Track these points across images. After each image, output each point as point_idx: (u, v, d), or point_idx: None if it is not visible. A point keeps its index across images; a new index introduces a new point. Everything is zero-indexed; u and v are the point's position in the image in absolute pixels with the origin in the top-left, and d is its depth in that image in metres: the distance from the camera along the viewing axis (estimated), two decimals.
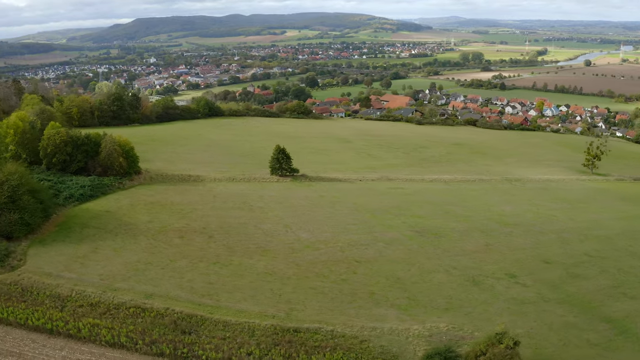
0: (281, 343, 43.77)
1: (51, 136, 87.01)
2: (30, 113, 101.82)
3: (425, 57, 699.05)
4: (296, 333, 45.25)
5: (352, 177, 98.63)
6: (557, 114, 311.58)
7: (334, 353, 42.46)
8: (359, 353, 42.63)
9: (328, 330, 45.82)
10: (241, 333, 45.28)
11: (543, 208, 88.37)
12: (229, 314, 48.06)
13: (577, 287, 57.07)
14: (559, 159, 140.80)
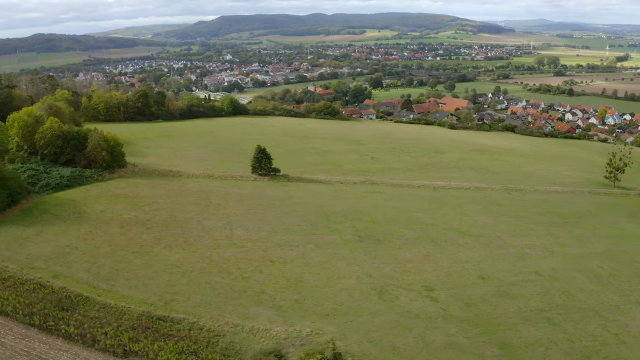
0: (139, 328, 45.70)
1: (44, 130, 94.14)
2: (39, 108, 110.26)
3: (501, 60, 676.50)
4: (160, 321, 46.71)
5: (334, 179, 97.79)
6: (619, 122, 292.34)
7: (179, 342, 43.70)
8: (203, 345, 43.45)
9: (192, 321, 46.82)
10: (111, 315, 47.40)
11: (525, 220, 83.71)
12: (113, 298, 50.23)
13: (494, 306, 53.71)
14: (585, 170, 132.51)
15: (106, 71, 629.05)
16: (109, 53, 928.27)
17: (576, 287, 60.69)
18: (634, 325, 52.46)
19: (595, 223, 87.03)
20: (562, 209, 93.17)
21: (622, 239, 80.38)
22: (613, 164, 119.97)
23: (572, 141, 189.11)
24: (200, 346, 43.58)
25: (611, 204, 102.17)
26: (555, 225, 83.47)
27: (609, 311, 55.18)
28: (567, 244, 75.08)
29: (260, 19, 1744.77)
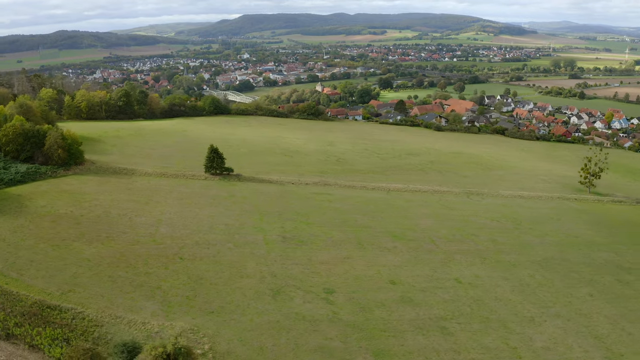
0: (27, 314, 46.88)
1: (7, 128, 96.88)
2: (11, 107, 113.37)
3: (518, 62, 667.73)
4: (49, 309, 47.60)
5: (287, 180, 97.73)
6: (626, 126, 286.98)
7: (56, 329, 45.19)
8: (78, 333, 44.74)
9: (78, 311, 47.61)
10: (9, 302, 48.28)
11: (472, 225, 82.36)
12: (17, 287, 51.04)
13: (390, 312, 52.55)
14: (565, 175, 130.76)
15: (123, 68, 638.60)
16: (130, 51, 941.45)
17: (493, 296, 59.36)
18: (539, 340, 50.93)
19: (549, 229, 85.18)
20: (518, 214, 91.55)
21: (571, 246, 78.50)
22: (588, 169, 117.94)
23: (564, 145, 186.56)
24: (75, 334, 44.53)
25: (577, 210, 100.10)
26: (503, 231, 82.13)
27: (518, 323, 53.72)
28: (506, 251, 73.88)
29: (282, 18, 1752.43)
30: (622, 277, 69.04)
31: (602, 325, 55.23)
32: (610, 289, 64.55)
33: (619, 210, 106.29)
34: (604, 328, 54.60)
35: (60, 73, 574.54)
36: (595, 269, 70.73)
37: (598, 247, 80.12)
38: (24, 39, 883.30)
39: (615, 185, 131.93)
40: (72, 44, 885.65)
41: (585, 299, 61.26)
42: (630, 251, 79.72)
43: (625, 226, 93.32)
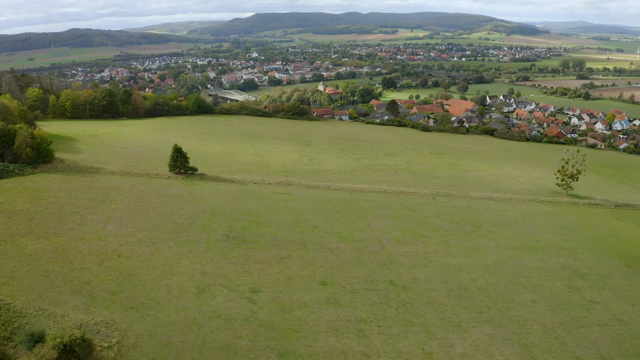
0: None
1: None
2: None
3: (527, 62, 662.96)
4: None
5: (250, 179, 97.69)
6: (627, 127, 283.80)
7: None
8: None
9: (6, 302, 48.43)
10: None
11: (427, 227, 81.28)
12: None
13: (310, 313, 51.85)
14: (545, 177, 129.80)
15: (132, 67, 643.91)
16: (141, 49, 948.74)
17: (426, 299, 58.76)
18: (460, 346, 50.10)
19: (509, 233, 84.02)
20: (481, 217, 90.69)
21: (528, 250, 77.37)
22: (565, 171, 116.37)
23: (554, 146, 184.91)
24: None
25: (547, 213, 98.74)
26: (459, 234, 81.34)
27: (443, 328, 53.03)
28: (455, 254, 73.15)
29: (294, 17, 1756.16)
30: (574, 283, 67.74)
31: (535, 333, 54.10)
32: (556, 295, 63.26)
33: (593, 213, 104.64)
34: (535, 336, 53.40)
35: (70, 71, 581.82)
36: (547, 274, 69.45)
37: (557, 251, 78.76)
38: (36, 36, 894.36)
39: (598, 188, 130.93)
40: (84, 42, 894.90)
41: (525, 304, 60.07)
42: (592, 256, 78.23)
43: (594, 230, 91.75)
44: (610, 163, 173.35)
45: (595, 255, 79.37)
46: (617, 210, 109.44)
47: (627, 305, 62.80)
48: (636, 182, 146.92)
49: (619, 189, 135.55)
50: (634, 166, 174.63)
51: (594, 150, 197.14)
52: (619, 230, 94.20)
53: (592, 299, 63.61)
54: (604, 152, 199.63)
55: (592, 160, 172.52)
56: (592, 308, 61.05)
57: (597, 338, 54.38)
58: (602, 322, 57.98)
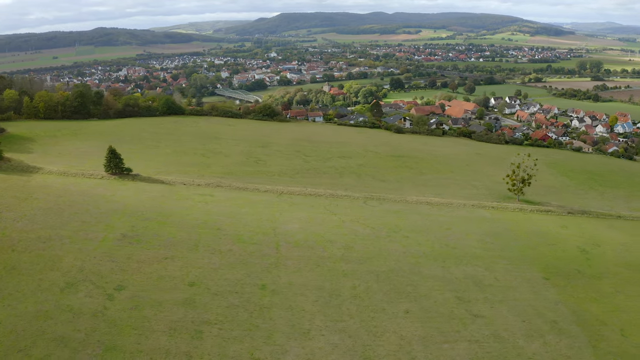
0: None
1: None
2: None
3: (545, 63, 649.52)
4: None
5: (180, 181, 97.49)
6: (629, 130, 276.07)
7: None
8: None
9: None
10: None
11: (338, 231, 79.43)
12: None
13: (159, 311, 52.19)
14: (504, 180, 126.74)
15: (150, 66, 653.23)
16: (164, 48, 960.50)
17: (288, 305, 57.63)
18: (294, 354, 49.07)
19: (427, 239, 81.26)
20: (404, 222, 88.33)
21: (436, 258, 74.08)
22: (515, 175, 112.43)
23: (533, 149, 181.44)
24: None
25: (484, 219, 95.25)
26: (368, 239, 78.75)
27: (287, 334, 52.02)
28: (351, 259, 70.72)
29: (319, 16, 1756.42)
30: (468, 294, 64.68)
31: (389, 345, 52.40)
32: (437, 307, 60.61)
33: (537, 220, 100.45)
34: (385, 349, 51.69)
35: (89, 70, 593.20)
36: (442, 284, 66.68)
37: (470, 260, 75.69)
38: (61, 35, 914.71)
39: (561, 193, 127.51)
40: (108, 41, 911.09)
41: (396, 315, 58.10)
42: (509, 267, 74.69)
43: (527, 239, 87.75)
44: (588, 167, 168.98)
45: (513, 265, 75.98)
46: (568, 218, 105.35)
47: (518, 321, 59.50)
48: (607, 187, 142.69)
49: (584, 195, 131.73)
50: (613, 171, 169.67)
51: (577, 153, 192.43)
52: (556, 239, 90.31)
53: (479, 312, 60.63)
54: (588, 156, 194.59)
55: (570, 164, 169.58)
56: (471, 322, 58.33)
57: (457, 355, 52.00)
58: (475, 338, 55.33)
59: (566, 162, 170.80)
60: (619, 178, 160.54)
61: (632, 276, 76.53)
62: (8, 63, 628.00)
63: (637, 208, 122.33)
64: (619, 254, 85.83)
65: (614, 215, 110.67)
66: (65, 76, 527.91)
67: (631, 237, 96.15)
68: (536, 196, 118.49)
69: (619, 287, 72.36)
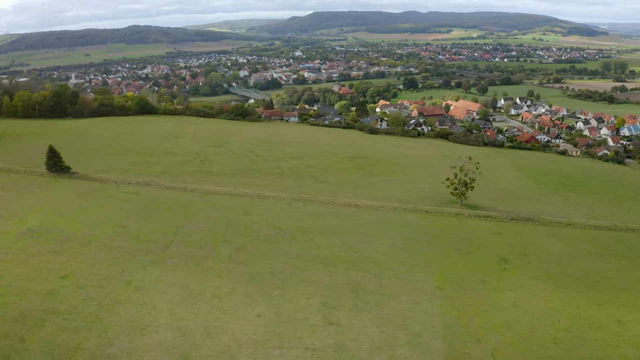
0: None
1: None
2: None
3: (570, 63, 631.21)
4: None
5: (114, 178, 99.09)
6: (636, 133, 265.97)
7: None
8: None
9: None
10: None
11: (242, 231, 78.94)
12: None
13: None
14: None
15: (174, 64, 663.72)
16: (194, 46, 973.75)
17: (141, 301, 57.53)
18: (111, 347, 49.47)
19: (332, 242, 79.31)
20: (318, 224, 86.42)
21: (327, 262, 72.01)
22: (459, 179, 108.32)
23: (513, 151, 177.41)
24: None
25: (408, 224, 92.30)
26: (268, 240, 77.68)
27: (118, 329, 51.97)
28: (238, 260, 69.96)
29: (351, 15, 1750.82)
30: (339, 301, 62.16)
31: (217, 346, 50.78)
32: (291, 313, 58.58)
33: (470, 226, 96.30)
34: (213, 349, 50.26)
35: (115, 67, 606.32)
36: (318, 289, 64.48)
37: (365, 265, 72.64)
38: (95, 32, 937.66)
39: (517, 198, 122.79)
40: (140, 39, 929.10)
41: (246, 317, 56.65)
42: (404, 274, 71.17)
43: (445, 246, 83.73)
44: (566, 171, 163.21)
45: (410, 273, 72.55)
46: (508, 224, 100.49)
47: (377, 332, 56.87)
48: (575, 193, 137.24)
49: (545, 200, 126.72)
50: (593, 175, 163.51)
51: (561, 157, 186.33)
52: (479, 246, 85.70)
53: (337, 320, 58.35)
54: (573, 159, 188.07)
55: (545, 168, 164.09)
56: (322, 330, 55.97)
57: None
58: (314, 346, 52.86)
59: (542, 165, 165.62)
60: (596, 183, 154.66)
61: (545, 289, 71.70)
62: (41, 60, 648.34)
63: (596, 216, 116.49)
64: (543, 265, 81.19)
65: (563, 223, 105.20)
66: (91, 74, 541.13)
67: (569, 247, 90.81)
68: (486, 201, 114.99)
69: (520, 301, 67.60)
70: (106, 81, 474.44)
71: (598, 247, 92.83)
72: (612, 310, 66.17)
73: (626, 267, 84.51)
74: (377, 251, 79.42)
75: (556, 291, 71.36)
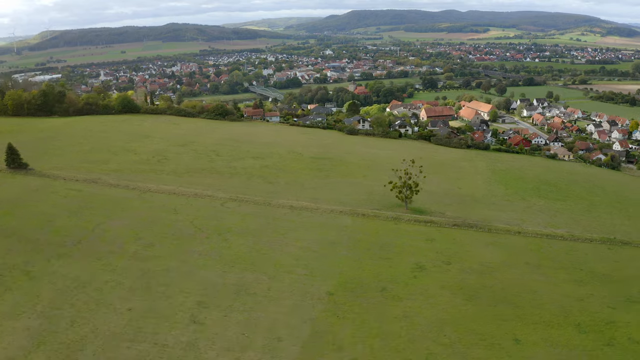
0: None
1: None
2: None
3: (602, 64, 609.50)
4: None
5: (64, 175, 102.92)
6: None
7: None
8: None
9: None
10: None
11: (157, 230, 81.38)
12: None
13: None
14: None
15: (203, 62, 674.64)
16: (228, 44, 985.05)
17: (23, 291, 61.15)
18: None
19: (246, 243, 79.99)
20: (241, 224, 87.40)
21: (230, 263, 72.88)
22: (403, 182, 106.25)
23: (496, 154, 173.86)
24: None
25: (335, 227, 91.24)
26: (183, 237, 79.96)
27: None
28: (137, 256, 72.64)
29: (389, 14, 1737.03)
30: (207, 300, 62.59)
31: (66, 336, 54.11)
32: (161, 309, 59.81)
33: (404, 231, 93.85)
34: (67, 337, 53.86)
35: (147, 65, 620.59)
36: (201, 288, 65.08)
37: (262, 267, 72.15)
38: (132, 30, 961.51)
39: (476, 204, 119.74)
40: (176, 36, 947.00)
41: (115, 310, 58.34)
42: (303, 278, 70.47)
43: (362, 252, 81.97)
44: (546, 177, 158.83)
45: (308, 277, 71.63)
46: (448, 230, 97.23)
47: (237, 333, 57.55)
48: (545, 199, 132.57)
49: (506, 206, 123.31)
50: (575, 181, 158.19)
51: (549, 161, 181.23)
52: (400, 252, 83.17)
53: (203, 320, 58.98)
54: (561, 164, 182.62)
55: (524, 172, 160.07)
56: (183, 327, 57.11)
57: (121, 355, 52.15)
58: (164, 342, 54.29)
59: (522, 170, 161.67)
60: (575, 189, 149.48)
61: (449, 301, 68.70)
62: (78, 57, 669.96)
63: (556, 224, 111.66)
64: (462, 274, 77.65)
65: (512, 231, 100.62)
66: (122, 71, 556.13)
67: (506, 257, 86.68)
68: (438, 205, 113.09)
69: (413, 311, 64.95)
70: (132, 79, 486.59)
71: (540, 258, 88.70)
72: (517, 327, 63.05)
73: (561, 280, 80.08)
74: (286, 253, 79.41)
75: (462, 303, 68.59)
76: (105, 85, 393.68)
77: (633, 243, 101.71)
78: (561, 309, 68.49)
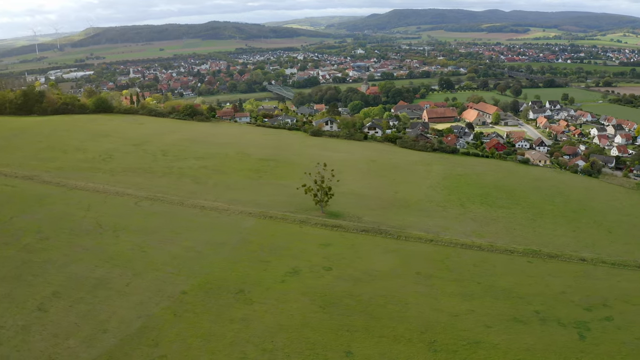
0: None
1: None
2: None
3: (633, 66, 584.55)
4: None
5: (4, 172, 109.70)
6: None
7: None
8: None
9: None
10: None
11: (62, 226, 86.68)
12: None
13: None
14: (349, 191, 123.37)
15: (232, 60, 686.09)
16: (266, 42, 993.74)
17: None
18: None
19: (130, 240, 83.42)
20: (143, 223, 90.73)
21: (94, 257, 76.41)
22: (318, 186, 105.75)
23: (461, 158, 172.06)
24: None
25: (233, 228, 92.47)
26: (76, 234, 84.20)
27: None
28: (30, 249, 77.50)
29: (430, 13, 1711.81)
30: (62, 291, 65.60)
31: None
32: (14, 297, 62.23)
33: (303, 234, 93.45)
34: None
35: (179, 62, 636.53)
36: (65, 280, 66.96)
37: (129, 264, 74.27)
38: (172, 28, 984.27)
39: (400, 207, 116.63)
40: (214, 34, 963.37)
41: None
42: (164, 275, 71.08)
43: (245, 253, 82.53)
44: (506, 182, 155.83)
45: (173, 275, 71.92)
46: (353, 235, 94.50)
47: (71, 322, 59.13)
48: (487, 206, 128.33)
49: (437, 212, 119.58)
50: (538, 187, 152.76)
51: (519, 166, 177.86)
52: (284, 256, 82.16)
53: (47, 308, 62.02)
54: (530, 169, 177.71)
55: (483, 178, 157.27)
56: (18, 313, 60.43)
57: None
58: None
59: (481, 175, 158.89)
60: (531, 196, 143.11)
61: (302, 307, 66.74)
62: (117, 54, 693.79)
63: (482, 233, 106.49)
64: (336, 281, 75.15)
65: (423, 239, 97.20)
66: (152, 69, 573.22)
67: (398, 265, 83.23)
68: (358, 209, 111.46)
69: (253, 316, 63.90)
70: (158, 76, 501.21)
71: (437, 269, 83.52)
72: (358, 339, 59.42)
73: (446, 293, 74.51)
74: (166, 252, 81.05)
75: (314, 311, 65.83)
76: (131, 82, 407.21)
77: (561, 257, 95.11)
78: (424, 325, 63.65)
